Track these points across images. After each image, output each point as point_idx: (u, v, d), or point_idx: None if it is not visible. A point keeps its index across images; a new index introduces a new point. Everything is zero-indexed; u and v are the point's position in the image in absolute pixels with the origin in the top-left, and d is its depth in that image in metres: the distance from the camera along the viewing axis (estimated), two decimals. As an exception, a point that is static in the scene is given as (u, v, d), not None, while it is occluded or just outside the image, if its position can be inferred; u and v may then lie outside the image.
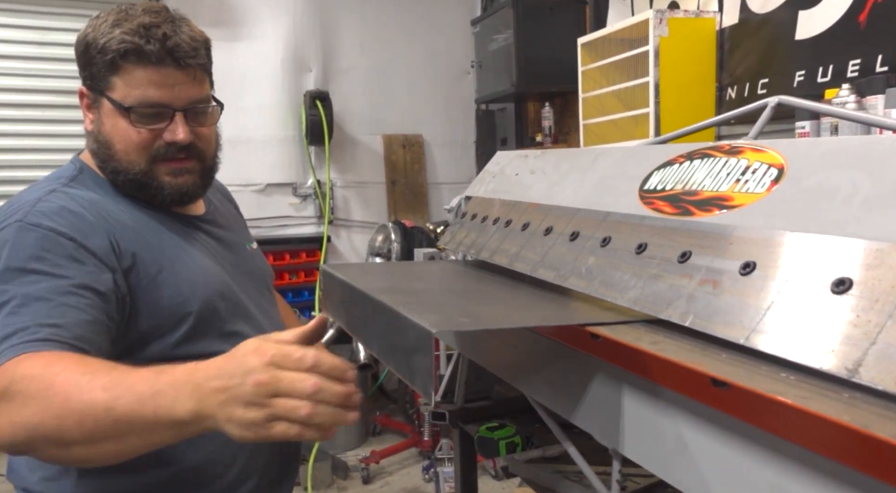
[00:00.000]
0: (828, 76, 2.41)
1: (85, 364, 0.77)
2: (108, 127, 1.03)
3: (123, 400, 0.71)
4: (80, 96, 1.06)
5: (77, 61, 1.04)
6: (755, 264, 0.70)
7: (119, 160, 1.04)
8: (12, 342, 0.80)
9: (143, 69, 1.00)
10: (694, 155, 0.93)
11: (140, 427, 0.71)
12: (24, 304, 0.83)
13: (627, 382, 0.79)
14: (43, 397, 0.73)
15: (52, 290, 0.85)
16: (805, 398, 0.54)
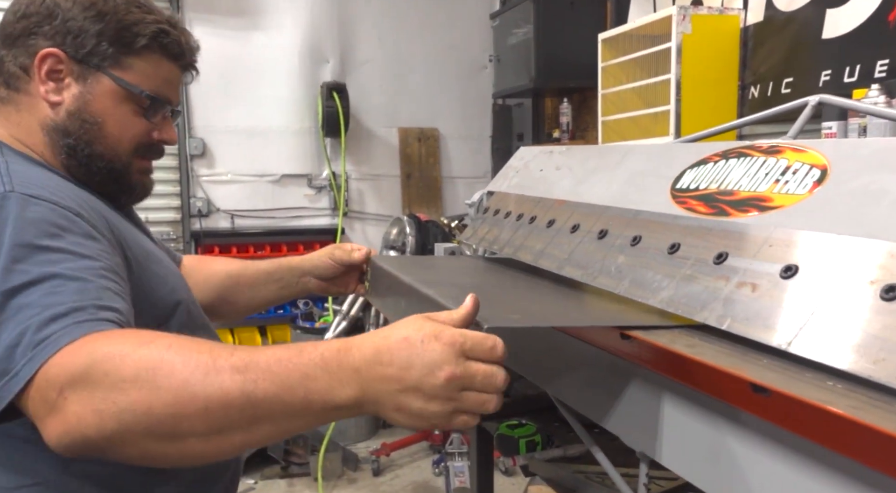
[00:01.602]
0: (854, 76, 2.37)
1: (194, 342, 0.66)
2: (101, 108, 0.91)
3: (263, 384, 0.62)
4: (42, 59, 0.88)
5: (35, 21, 0.88)
6: (798, 267, 0.68)
7: (104, 146, 0.92)
8: (76, 319, 0.67)
9: (168, 64, 0.96)
10: (729, 154, 0.91)
11: (282, 414, 0.63)
12: (63, 283, 0.70)
13: (661, 385, 0.77)
14: (147, 379, 0.62)
15: (84, 269, 0.72)
16: (856, 409, 0.52)
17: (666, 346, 0.71)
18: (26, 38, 0.89)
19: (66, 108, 0.90)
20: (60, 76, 0.90)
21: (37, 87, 0.90)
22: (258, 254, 3.92)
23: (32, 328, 0.66)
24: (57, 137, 0.90)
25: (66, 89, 0.90)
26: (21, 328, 0.67)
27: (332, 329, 3.48)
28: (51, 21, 0.89)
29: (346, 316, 3.54)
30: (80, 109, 0.91)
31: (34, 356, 0.65)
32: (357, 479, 3.42)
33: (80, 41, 0.89)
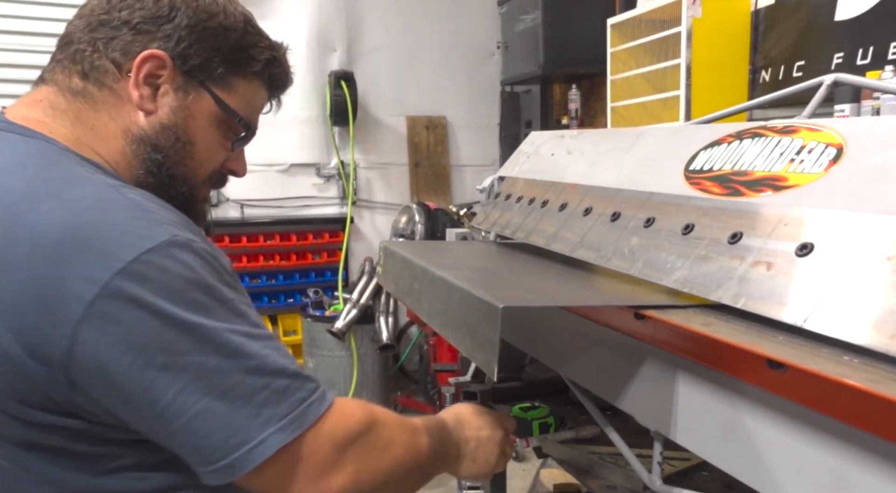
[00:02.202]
0: (867, 58, 2.35)
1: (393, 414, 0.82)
2: (196, 127, 0.81)
3: (438, 445, 0.86)
4: (143, 60, 0.76)
5: (146, 16, 0.77)
6: (813, 245, 0.68)
7: (188, 170, 0.82)
8: (313, 380, 0.71)
9: (264, 93, 0.88)
10: (743, 134, 0.91)
11: (437, 468, 0.87)
12: (264, 333, 0.69)
13: (675, 364, 0.78)
14: (404, 439, 0.79)
15: (260, 320, 0.72)
16: (874, 382, 0.52)
17: (682, 324, 0.72)
18: (127, 32, 0.77)
19: (160, 119, 0.79)
20: (157, 83, 0.78)
21: (128, 88, 0.77)
22: (267, 243, 3.94)
23: (276, 392, 0.67)
24: (143, 149, 0.78)
25: (162, 99, 0.79)
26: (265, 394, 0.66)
27: (342, 317, 3.50)
28: (166, 21, 0.77)
29: (357, 304, 3.57)
30: (175, 125, 0.79)
31: (298, 418, 0.68)
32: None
33: (193, 51, 0.78)
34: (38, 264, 0.61)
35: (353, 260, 4.22)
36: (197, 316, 0.64)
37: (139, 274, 0.62)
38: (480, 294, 0.77)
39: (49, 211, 0.63)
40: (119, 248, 0.62)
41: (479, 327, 0.78)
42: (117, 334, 0.61)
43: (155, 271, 0.63)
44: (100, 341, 0.61)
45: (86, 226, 0.63)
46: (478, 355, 0.79)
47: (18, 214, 0.63)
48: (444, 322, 0.91)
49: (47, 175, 0.67)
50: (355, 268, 4.15)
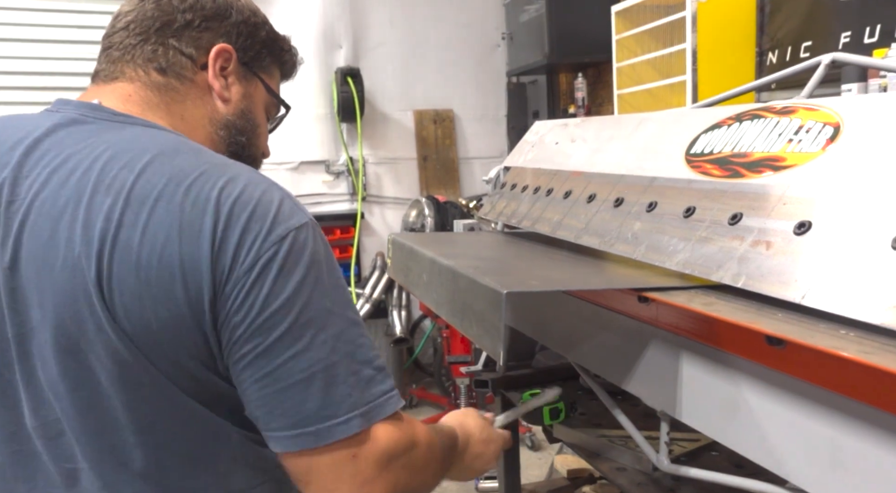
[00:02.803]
0: (875, 37, 2.33)
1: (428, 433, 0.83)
2: (257, 111, 0.90)
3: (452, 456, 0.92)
4: (217, 54, 0.84)
5: (212, 15, 0.84)
6: (811, 223, 0.69)
7: (257, 148, 0.91)
8: (390, 386, 0.74)
9: (280, 80, 0.96)
10: (743, 117, 0.92)
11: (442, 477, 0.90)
12: (362, 330, 0.74)
13: (679, 344, 0.79)
14: (438, 461, 0.84)
15: (359, 316, 0.76)
16: (867, 353, 0.53)
17: (683, 305, 0.73)
18: (195, 30, 0.83)
19: (236, 105, 0.87)
20: (227, 73, 0.86)
21: (208, 80, 0.84)
22: (280, 241, 3.98)
23: (362, 384, 0.70)
24: (229, 133, 0.86)
25: (232, 87, 0.86)
26: (353, 379, 0.70)
27: (355, 312, 3.53)
28: (225, 18, 0.85)
29: (369, 299, 3.60)
30: (247, 109, 0.88)
31: (371, 412, 0.70)
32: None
33: (249, 44, 0.87)
34: (220, 230, 0.67)
35: (364, 255, 4.25)
36: (324, 294, 0.70)
37: (290, 246, 0.68)
38: (485, 281, 0.79)
39: (222, 185, 0.69)
40: (278, 224, 0.69)
41: (485, 314, 0.79)
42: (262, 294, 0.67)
43: (302, 245, 0.69)
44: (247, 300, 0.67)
45: (257, 200, 0.70)
46: (485, 341, 0.80)
47: (198, 187, 0.68)
48: (451, 311, 0.93)
49: (203, 158, 0.73)
50: (367, 263, 4.18)
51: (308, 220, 0.71)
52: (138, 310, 0.66)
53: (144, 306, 0.66)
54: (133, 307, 0.66)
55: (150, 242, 0.66)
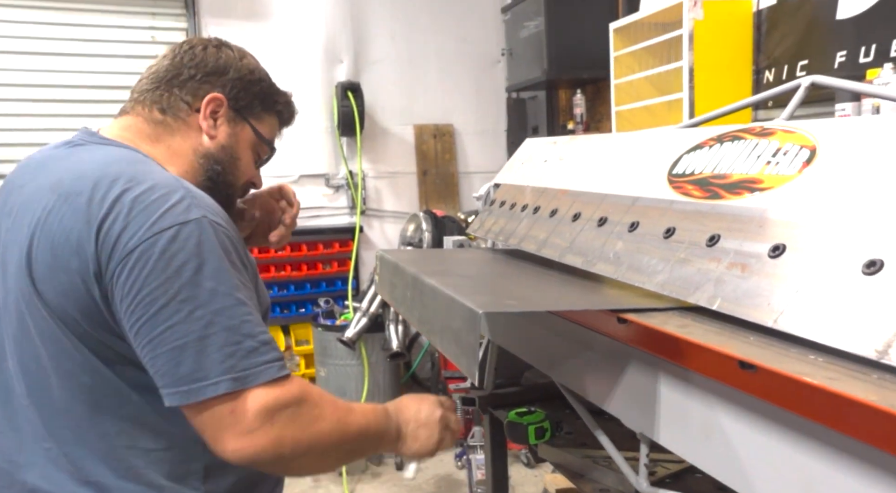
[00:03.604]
0: (870, 56, 2.33)
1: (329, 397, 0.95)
2: (240, 148, 1.10)
3: (371, 424, 0.98)
4: (209, 100, 1.05)
5: (213, 72, 1.06)
6: (785, 246, 0.69)
7: (234, 177, 1.10)
8: (276, 355, 0.88)
9: (278, 126, 1.17)
10: (724, 138, 0.92)
11: (368, 448, 1.00)
12: (250, 310, 0.88)
13: (655, 366, 0.79)
14: (332, 418, 0.91)
15: (252, 299, 0.91)
16: (833, 380, 0.53)
17: (657, 327, 0.73)
18: (197, 82, 1.06)
19: (220, 142, 1.07)
20: (217, 116, 1.07)
21: (197, 120, 1.06)
22: (278, 254, 3.99)
23: (240, 354, 0.84)
24: (207, 162, 1.06)
25: (220, 128, 1.07)
26: (228, 349, 0.84)
27: (352, 326, 3.53)
28: (223, 75, 1.07)
29: (367, 313, 3.59)
30: (230, 145, 1.08)
31: (243, 378, 0.84)
32: (381, 473, 3.46)
33: (241, 95, 1.08)
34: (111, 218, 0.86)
35: (363, 269, 4.25)
36: (206, 277, 0.85)
37: (174, 236, 0.85)
38: (463, 300, 0.79)
39: (130, 187, 0.88)
40: (165, 218, 0.86)
41: (461, 333, 0.79)
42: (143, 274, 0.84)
43: (187, 236, 0.85)
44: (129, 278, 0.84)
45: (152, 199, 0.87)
46: (461, 360, 0.80)
47: (110, 188, 0.88)
48: (431, 329, 0.93)
49: (134, 168, 0.92)
50: (365, 277, 4.18)
51: (201, 216, 0.88)
52: (50, 279, 0.87)
53: (54, 277, 0.87)
54: (47, 277, 0.87)
55: (64, 227, 0.87)
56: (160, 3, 3.99)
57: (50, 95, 3.89)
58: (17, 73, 3.82)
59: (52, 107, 3.89)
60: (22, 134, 3.88)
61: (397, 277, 1.14)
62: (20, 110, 3.85)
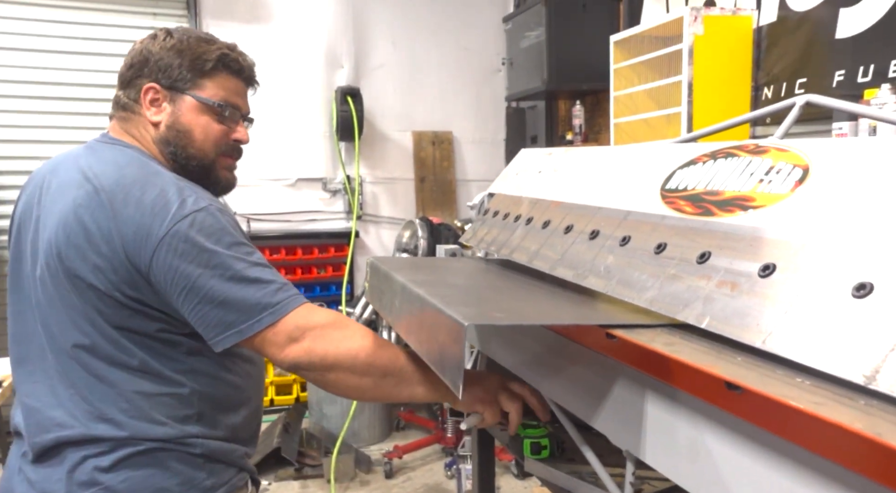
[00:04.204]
0: (868, 76, 2.34)
1: (366, 331, 1.12)
2: (188, 119, 1.19)
3: (410, 366, 1.08)
4: (144, 92, 1.19)
5: (137, 67, 1.20)
6: (775, 266, 0.68)
7: (196, 148, 1.20)
8: (292, 292, 1.09)
9: (234, 79, 1.23)
10: (717, 154, 0.91)
11: (420, 384, 1.08)
12: (265, 266, 1.09)
13: (642, 383, 0.78)
14: (362, 336, 1.08)
15: (261, 258, 1.11)
16: (818, 404, 0.52)
17: (644, 344, 0.72)
18: (134, 79, 1.20)
19: (164, 124, 1.19)
20: (159, 102, 1.19)
21: (144, 112, 1.19)
22: (273, 257, 3.97)
23: (271, 292, 1.06)
24: (162, 146, 1.20)
25: (164, 111, 1.19)
26: (263, 291, 1.06)
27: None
28: (147, 64, 1.18)
29: (360, 319, 3.57)
30: (174, 123, 1.19)
31: (279, 309, 1.05)
32: (370, 481, 3.44)
33: (168, 73, 1.18)
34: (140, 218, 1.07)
35: (358, 274, 4.24)
36: (226, 247, 1.07)
37: (191, 222, 1.06)
38: (449, 311, 0.78)
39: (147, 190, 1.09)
40: (183, 209, 1.07)
41: (447, 345, 0.78)
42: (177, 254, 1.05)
43: (202, 221, 1.07)
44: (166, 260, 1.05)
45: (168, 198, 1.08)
46: (446, 373, 0.79)
47: (132, 190, 1.09)
48: (418, 339, 0.92)
49: (144, 170, 1.13)
50: (360, 282, 4.16)
51: (208, 205, 1.09)
52: (80, 260, 1.07)
53: (86, 258, 1.07)
54: (76, 257, 1.08)
55: (95, 219, 1.07)
56: (161, 3, 3.99)
57: (49, 93, 3.88)
58: (17, 70, 3.81)
59: (51, 104, 3.89)
60: (21, 131, 3.86)
61: (386, 285, 1.13)
62: (19, 107, 3.84)
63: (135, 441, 1.08)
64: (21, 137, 3.87)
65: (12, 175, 3.88)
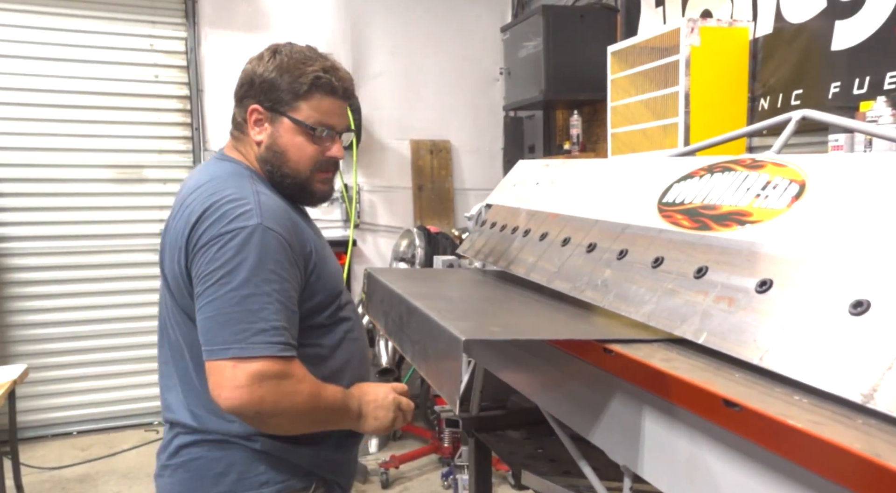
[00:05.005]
0: (864, 88, 2.35)
1: (317, 385, 1.17)
2: (285, 140, 1.27)
3: (337, 404, 1.19)
4: (250, 113, 1.27)
5: (245, 87, 1.28)
6: (772, 281, 0.68)
7: (290, 168, 1.28)
8: (276, 339, 1.11)
9: (328, 99, 1.28)
10: (714, 168, 0.92)
11: (333, 422, 1.21)
12: (273, 301, 1.13)
13: (640, 399, 0.77)
14: (307, 394, 1.13)
15: (283, 292, 1.14)
16: (817, 424, 0.52)
17: (642, 360, 0.72)
18: (243, 99, 1.28)
19: (265, 144, 1.27)
20: (262, 122, 1.27)
21: (250, 131, 1.28)
22: (271, 265, 3.96)
23: (251, 332, 1.09)
24: (262, 164, 1.28)
25: (265, 131, 1.27)
26: (244, 325, 1.09)
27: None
28: (253, 85, 1.26)
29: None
30: (272, 143, 1.27)
31: (247, 349, 1.08)
32: (366, 491, 3.42)
33: (269, 95, 1.25)
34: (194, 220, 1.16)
35: (355, 283, 4.23)
36: (245, 269, 1.11)
37: (232, 237, 1.12)
38: (446, 325, 0.78)
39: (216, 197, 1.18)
40: (230, 222, 1.13)
41: (444, 359, 0.78)
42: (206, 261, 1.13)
43: (238, 237, 1.12)
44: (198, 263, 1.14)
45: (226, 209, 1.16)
46: (443, 386, 0.79)
47: (204, 196, 1.18)
48: (414, 352, 0.91)
49: (227, 182, 1.21)
50: (357, 291, 4.15)
51: (258, 223, 1.13)
52: (168, 264, 1.21)
53: (171, 263, 1.20)
54: (166, 262, 1.22)
55: (177, 227, 1.19)
56: (160, 11, 4.00)
57: (48, 100, 3.88)
58: (15, 78, 3.81)
59: (50, 112, 3.88)
60: (19, 138, 3.86)
61: (384, 296, 1.13)
62: (18, 114, 3.84)
63: (208, 432, 1.21)
64: (21, 144, 3.86)
65: (11, 183, 3.87)
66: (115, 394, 4.18)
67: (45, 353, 4.01)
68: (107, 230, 4.07)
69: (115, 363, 4.17)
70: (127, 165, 4.08)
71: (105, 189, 4.06)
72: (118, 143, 4.05)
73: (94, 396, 4.14)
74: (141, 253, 4.13)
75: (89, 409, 4.14)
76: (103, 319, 4.12)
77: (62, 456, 3.80)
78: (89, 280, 4.06)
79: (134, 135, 4.06)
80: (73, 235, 4.02)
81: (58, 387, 4.06)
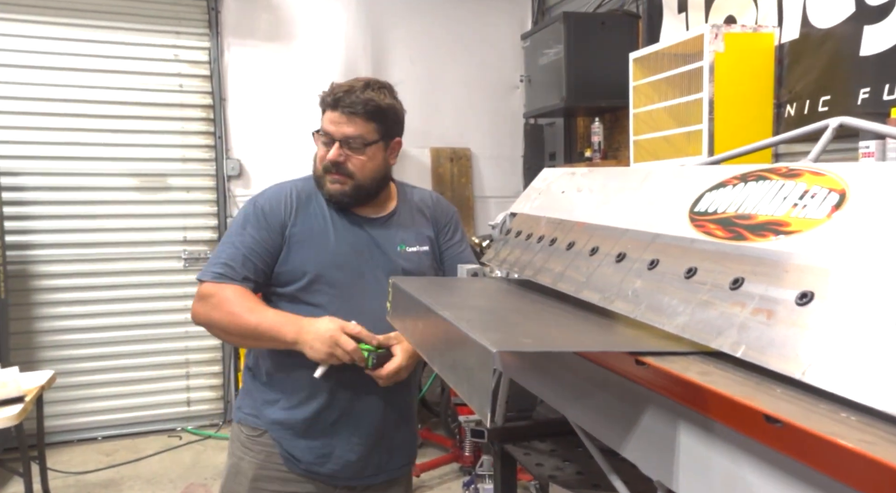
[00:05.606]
0: (894, 94, 2.31)
1: (246, 299, 1.58)
2: (316, 149, 1.69)
3: (264, 325, 1.56)
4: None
5: None
6: (813, 293, 0.66)
7: (314, 169, 1.71)
8: (221, 271, 1.60)
9: (327, 112, 1.64)
10: (748, 177, 0.90)
11: (267, 340, 1.57)
12: (230, 246, 1.61)
13: (675, 412, 0.76)
14: (226, 311, 1.58)
15: (243, 243, 1.61)
16: (869, 443, 0.50)
17: (679, 373, 0.70)
18: None
19: None
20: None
21: None
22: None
23: (209, 264, 1.64)
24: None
25: None
26: (210, 261, 1.66)
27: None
28: None
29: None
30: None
31: (201, 275, 1.63)
32: (386, 499, 3.40)
33: None
34: None
35: (375, 290, 4.23)
36: (232, 225, 1.70)
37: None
38: (477, 337, 0.77)
39: None
40: None
41: (474, 371, 0.77)
42: None
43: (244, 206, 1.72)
44: None
45: None
46: (473, 399, 0.78)
47: None
48: (443, 364, 0.90)
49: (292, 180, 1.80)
50: (377, 298, 4.16)
51: (254, 199, 1.71)
52: None
53: None
54: None
55: None
56: (184, 22, 4.06)
57: (75, 110, 3.95)
58: (44, 88, 3.88)
59: (77, 121, 3.95)
60: (47, 147, 3.93)
61: (410, 306, 1.12)
62: (46, 124, 3.92)
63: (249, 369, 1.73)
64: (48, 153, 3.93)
65: (37, 191, 3.94)
66: (139, 400, 4.22)
67: (72, 359, 4.07)
68: (132, 238, 4.12)
69: (139, 370, 4.21)
70: (151, 173, 4.14)
71: (130, 197, 4.12)
72: (143, 151, 4.11)
73: (119, 401, 4.19)
74: (165, 260, 4.17)
75: (114, 414, 4.19)
76: (128, 325, 4.17)
77: (87, 461, 3.84)
78: (115, 287, 4.12)
79: (159, 144, 4.12)
80: (98, 243, 4.08)
81: (83, 393, 4.12)
